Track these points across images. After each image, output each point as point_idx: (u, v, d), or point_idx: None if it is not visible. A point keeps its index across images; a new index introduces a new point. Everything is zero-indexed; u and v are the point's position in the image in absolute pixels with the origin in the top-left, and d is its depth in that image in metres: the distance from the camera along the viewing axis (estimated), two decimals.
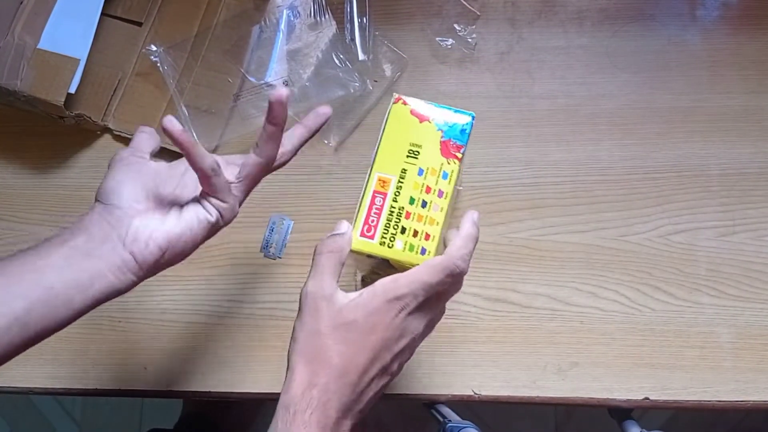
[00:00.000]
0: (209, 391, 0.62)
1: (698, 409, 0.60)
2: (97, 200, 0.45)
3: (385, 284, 0.42)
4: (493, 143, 0.66)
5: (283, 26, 0.67)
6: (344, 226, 0.45)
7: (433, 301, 0.44)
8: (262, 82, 0.67)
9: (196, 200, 0.46)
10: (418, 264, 0.43)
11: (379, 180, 0.46)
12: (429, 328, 0.46)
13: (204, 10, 0.70)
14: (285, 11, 0.67)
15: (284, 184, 0.67)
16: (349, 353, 0.42)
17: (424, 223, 0.45)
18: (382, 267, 0.49)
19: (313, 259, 0.44)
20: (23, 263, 0.41)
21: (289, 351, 0.43)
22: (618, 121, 0.66)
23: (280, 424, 0.40)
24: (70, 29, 0.66)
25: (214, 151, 0.68)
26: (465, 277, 0.44)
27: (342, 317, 0.42)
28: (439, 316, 0.46)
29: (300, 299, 0.43)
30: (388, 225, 0.45)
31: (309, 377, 0.41)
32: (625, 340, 0.61)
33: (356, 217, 0.45)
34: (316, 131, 0.51)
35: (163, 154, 0.68)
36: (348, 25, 0.67)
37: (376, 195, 0.45)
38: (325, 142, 0.67)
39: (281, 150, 0.48)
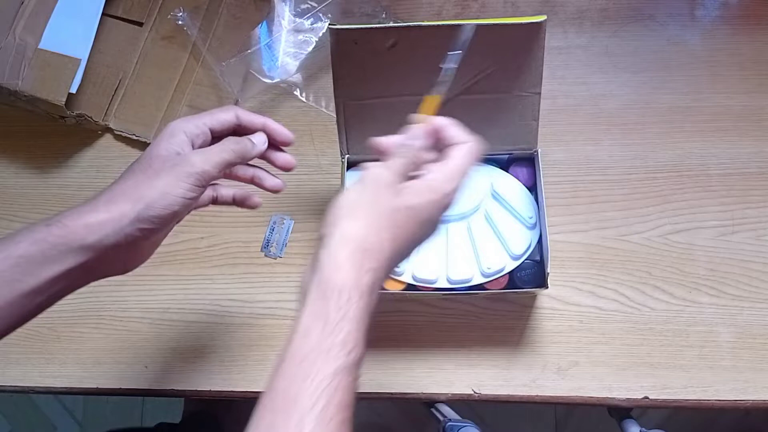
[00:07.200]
0: (210, 390, 0.62)
1: (697, 408, 0.60)
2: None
3: (440, 179, 0.42)
4: None
5: None
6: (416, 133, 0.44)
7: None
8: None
9: None
10: None
11: None
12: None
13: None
14: None
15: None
16: (401, 237, 0.41)
17: None
18: None
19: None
20: None
21: (325, 232, 0.40)
22: (618, 121, 0.67)
23: (332, 310, 0.37)
24: (71, 29, 0.66)
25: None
26: None
27: (402, 201, 0.41)
28: None
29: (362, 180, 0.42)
30: None
31: (361, 261, 0.39)
32: (624, 340, 0.61)
33: None
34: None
35: None
36: None
37: None
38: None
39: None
